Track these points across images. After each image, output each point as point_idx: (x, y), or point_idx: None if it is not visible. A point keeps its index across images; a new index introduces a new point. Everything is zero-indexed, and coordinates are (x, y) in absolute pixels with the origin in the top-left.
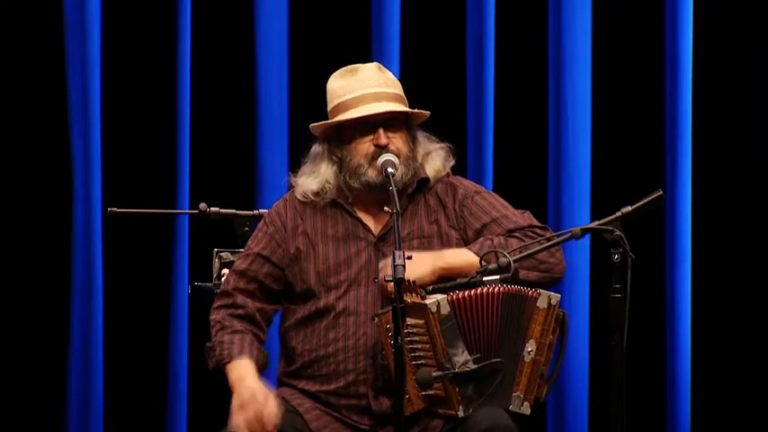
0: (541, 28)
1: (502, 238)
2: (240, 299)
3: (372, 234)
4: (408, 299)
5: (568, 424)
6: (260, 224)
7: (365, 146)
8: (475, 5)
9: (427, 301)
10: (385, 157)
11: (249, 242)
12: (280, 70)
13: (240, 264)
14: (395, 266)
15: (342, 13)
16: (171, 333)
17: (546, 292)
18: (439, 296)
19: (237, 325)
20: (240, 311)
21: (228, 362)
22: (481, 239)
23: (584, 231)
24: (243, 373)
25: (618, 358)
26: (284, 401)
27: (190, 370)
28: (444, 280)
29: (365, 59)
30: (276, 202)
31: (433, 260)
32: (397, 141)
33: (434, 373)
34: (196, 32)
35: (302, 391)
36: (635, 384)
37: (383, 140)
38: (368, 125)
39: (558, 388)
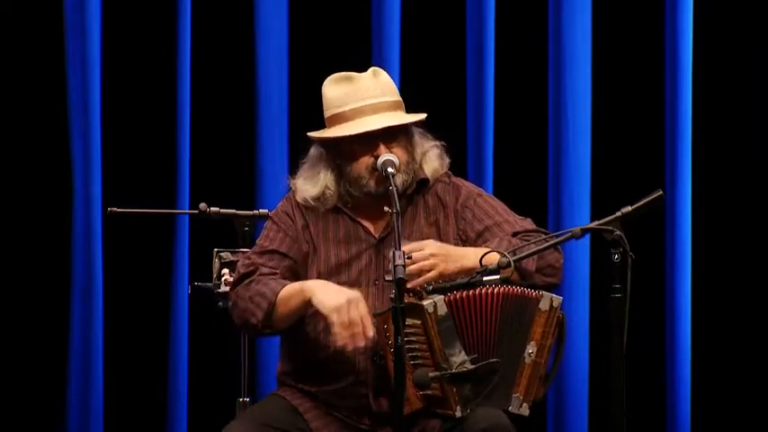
0: (541, 28)
1: (516, 239)
2: (266, 270)
3: (373, 236)
4: (406, 299)
5: (568, 424)
6: (268, 224)
7: (365, 158)
8: (475, 6)
9: (424, 302)
10: (384, 157)
11: (260, 241)
12: (280, 70)
13: (257, 259)
14: (395, 266)
15: (342, 14)
16: (171, 333)
17: (548, 294)
18: (436, 297)
19: (272, 276)
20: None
21: (281, 288)
22: (497, 240)
23: (584, 231)
24: (311, 281)
25: (618, 358)
26: (284, 400)
27: (190, 370)
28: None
29: (365, 60)
30: (280, 203)
31: (463, 260)
32: (397, 150)
33: (431, 374)
34: (196, 32)
35: (302, 391)
36: (635, 384)
37: (383, 153)
38: (367, 138)
39: (557, 388)
